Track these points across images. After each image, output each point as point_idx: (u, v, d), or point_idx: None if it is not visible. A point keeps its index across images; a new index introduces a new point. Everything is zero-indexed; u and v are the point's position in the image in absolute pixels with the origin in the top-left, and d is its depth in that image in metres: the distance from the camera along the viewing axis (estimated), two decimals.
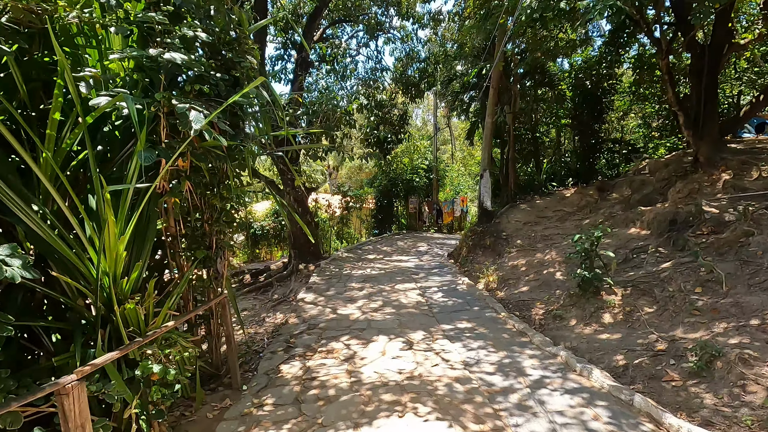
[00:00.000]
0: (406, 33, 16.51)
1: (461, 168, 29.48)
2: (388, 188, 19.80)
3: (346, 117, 11.13)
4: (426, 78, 17.25)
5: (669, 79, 8.27)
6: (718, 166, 8.14)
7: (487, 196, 12.35)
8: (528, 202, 13.31)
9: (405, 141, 19.08)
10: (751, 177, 7.67)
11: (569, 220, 11.03)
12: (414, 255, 13.73)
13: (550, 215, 12.01)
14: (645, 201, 9.46)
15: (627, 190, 10.79)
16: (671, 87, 8.29)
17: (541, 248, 9.38)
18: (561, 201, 12.94)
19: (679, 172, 9.02)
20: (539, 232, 10.71)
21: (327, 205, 15.33)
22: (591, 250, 5.99)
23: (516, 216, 12.25)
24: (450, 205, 24.70)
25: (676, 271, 5.84)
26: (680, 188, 8.44)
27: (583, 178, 15.46)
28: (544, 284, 7.74)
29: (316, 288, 9.20)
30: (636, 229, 8.55)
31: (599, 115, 15.05)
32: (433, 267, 11.31)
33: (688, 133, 8.46)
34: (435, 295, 8.27)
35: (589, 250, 5.97)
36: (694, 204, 7.57)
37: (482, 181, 12.51)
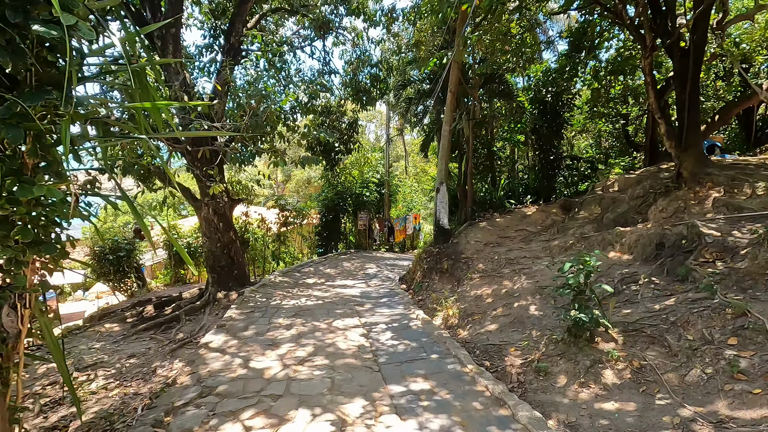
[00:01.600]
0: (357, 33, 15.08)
1: (414, 184, 28.33)
2: (335, 202, 17.98)
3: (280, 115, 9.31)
4: (378, 84, 15.86)
5: (651, 82, 7.32)
6: (704, 182, 7.18)
7: (444, 213, 10.91)
8: (488, 221, 12.05)
9: (355, 151, 17.46)
10: (744, 194, 6.73)
11: (535, 241, 9.79)
12: (361, 279, 11.95)
13: (512, 235, 10.76)
14: (620, 221, 8.38)
15: (596, 208, 9.77)
16: (653, 91, 7.33)
17: (508, 274, 7.96)
18: (523, 219, 11.79)
19: (657, 189, 8.03)
20: (503, 254, 9.35)
21: (260, 220, 13.23)
22: (585, 284, 4.54)
23: (476, 235, 10.88)
24: (402, 223, 23.30)
25: (690, 311, 4.51)
26: (663, 206, 7.39)
27: (542, 196, 14.61)
28: (517, 321, 6.24)
29: (231, 326, 7.13)
30: (616, 252, 7.36)
31: (558, 130, 14.32)
32: (382, 295, 9.57)
33: (669, 144, 7.50)
34: (382, 336, 6.51)
35: (583, 284, 4.51)
36: (685, 225, 6.45)
37: (438, 196, 11.08)
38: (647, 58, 7.05)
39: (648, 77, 7.24)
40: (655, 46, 6.89)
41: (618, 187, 10.05)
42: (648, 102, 7.39)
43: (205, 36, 12.30)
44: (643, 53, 7.05)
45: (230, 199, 9.65)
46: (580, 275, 4.48)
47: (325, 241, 17.82)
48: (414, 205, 24.83)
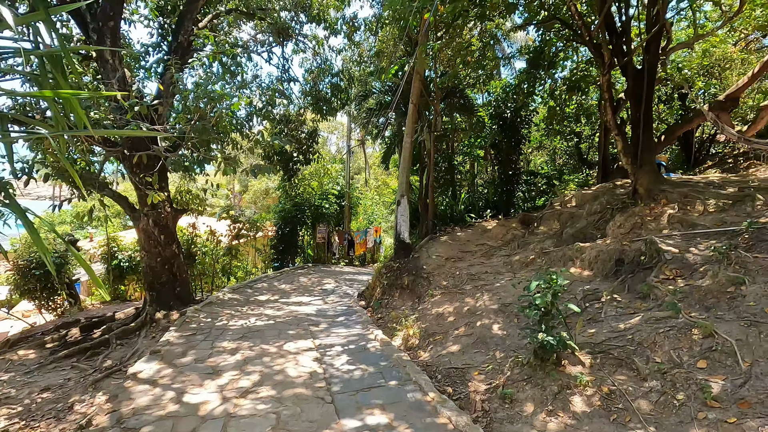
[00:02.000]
0: (318, 41, 14.72)
1: (375, 196, 28.03)
2: (292, 214, 17.26)
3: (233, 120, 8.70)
4: (339, 94, 15.51)
5: (609, 98, 7.42)
6: (659, 198, 7.29)
7: (405, 227, 10.59)
8: (448, 234, 11.86)
9: (314, 162, 16.92)
10: (697, 211, 6.86)
11: (496, 256, 9.65)
12: (318, 296, 11.34)
13: (473, 249, 10.60)
14: (579, 236, 8.39)
15: (556, 223, 9.80)
16: (611, 107, 7.43)
17: (470, 291, 7.69)
18: (483, 234, 11.70)
19: (614, 205, 8.11)
20: (464, 269, 9.12)
21: (210, 232, 12.34)
22: (553, 305, 4.29)
23: (437, 250, 10.63)
24: (363, 236, 22.87)
25: (656, 331, 4.37)
26: (621, 222, 7.43)
27: (501, 210, 14.69)
28: (480, 342, 5.93)
29: (167, 352, 6.35)
30: (576, 268, 7.28)
31: (517, 145, 14.52)
32: (340, 313, 9.04)
33: (626, 160, 7.61)
34: (338, 360, 5.99)
35: (550, 304, 4.25)
36: (644, 241, 6.46)
37: (399, 209, 10.76)
38: (605, 75, 7.16)
39: (606, 94, 7.35)
40: (613, 63, 7.02)
41: (576, 203, 10.17)
42: (606, 118, 7.50)
43: (152, 34, 11.47)
44: (602, 70, 7.16)
45: (174, 209, 8.83)
46: (547, 295, 4.21)
47: (281, 254, 17.01)
48: (375, 217, 24.48)
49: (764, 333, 3.64)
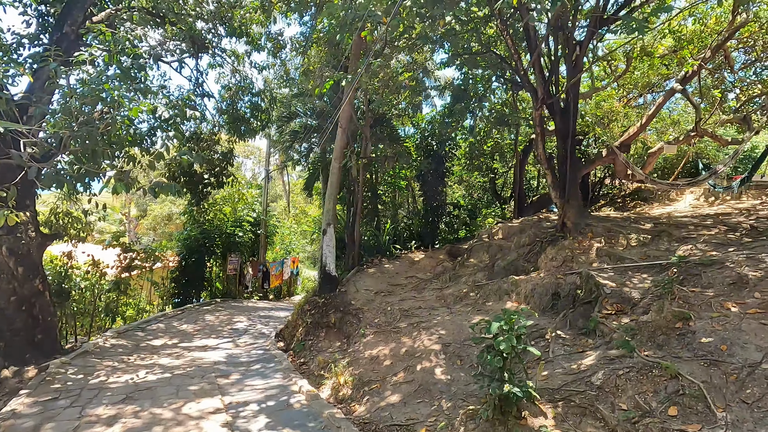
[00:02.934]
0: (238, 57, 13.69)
1: (294, 225, 26.65)
2: (200, 242, 15.34)
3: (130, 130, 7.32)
4: (259, 115, 14.46)
5: (540, 133, 7.60)
6: (585, 232, 7.48)
7: (331, 258, 9.74)
8: (376, 266, 11.24)
9: (228, 185, 15.38)
10: (621, 245, 7.11)
11: (427, 289, 9.21)
12: (228, 337, 9.82)
13: (403, 282, 10.08)
14: (511, 269, 8.30)
15: (485, 255, 9.71)
16: (542, 142, 7.60)
17: (405, 329, 7.05)
18: (412, 266, 11.29)
19: (543, 238, 8.20)
20: (396, 304, 8.49)
21: (92, 263, 10.20)
22: (516, 351, 3.79)
23: (365, 283, 9.91)
24: (279, 267, 21.31)
25: (614, 373, 4.08)
26: (552, 255, 7.45)
27: (426, 242, 14.56)
28: (423, 390, 5.25)
29: (10, 428, 4.64)
30: (513, 302, 7.06)
31: (442, 177, 14.67)
32: (255, 359, 7.76)
33: (555, 194, 7.78)
34: (254, 424, 4.86)
35: (513, 349, 3.75)
36: (578, 274, 6.43)
37: (325, 238, 9.91)
38: (538, 110, 7.35)
39: (538, 128, 7.53)
40: (545, 98, 7.24)
41: (502, 235, 10.27)
42: (537, 152, 7.67)
43: (29, 23, 9.55)
44: (535, 105, 7.34)
45: (41, 234, 6.99)
46: (511, 338, 3.71)
47: (184, 288, 14.87)
48: (293, 247, 23.08)
49: (729, 374, 3.49)
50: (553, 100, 7.45)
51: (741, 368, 3.51)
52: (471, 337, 4.73)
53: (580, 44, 7.89)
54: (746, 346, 3.73)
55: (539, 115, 7.42)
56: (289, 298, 22.91)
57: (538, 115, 7.43)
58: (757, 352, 3.63)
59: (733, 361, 3.61)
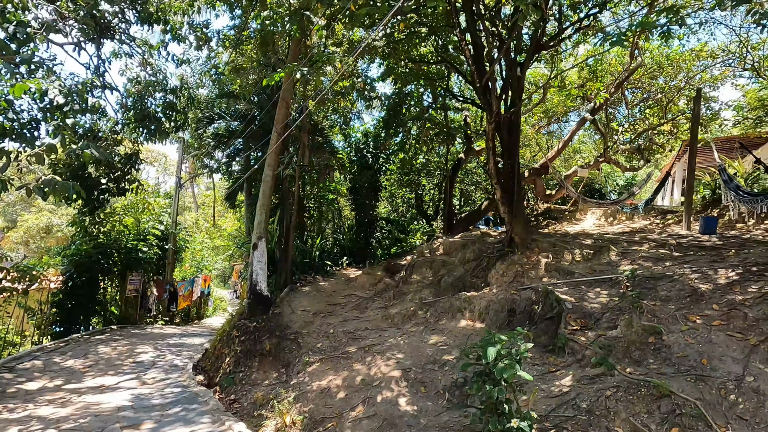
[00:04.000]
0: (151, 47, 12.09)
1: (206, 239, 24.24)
2: (93, 259, 12.91)
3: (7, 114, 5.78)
4: (174, 115, 12.84)
5: (492, 147, 7.59)
6: (533, 247, 7.57)
7: (263, 276, 8.69)
8: (311, 285, 10.37)
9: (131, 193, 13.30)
10: (566, 260, 7.28)
11: (370, 308, 8.62)
12: (131, 373, 8.14)
13: (342, 302, 9.36)
14: (459, 285, 8.10)
15: (428, 271, 9.44)
16: (493, 156, 7.60)
17: (357, 354, 6.36)
18: (349, 284, 10.63)
19: (489, 253, 8.16)
20: (339, 326, 7.77)
21: None
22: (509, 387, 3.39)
23: (301, 303, 9.00)
24: (189, 286, 19.09)
25: (600, 394, 3.90)
26: (503, 270, 7.39)
27: (358, 258, 14.00)
28: (389, 425, 4.63)
29: None
30: (467, 321, 6.80)
31: (376, 192, 14.33)
32: (172, 400, 6.41)
33: (504, 209, 7.80)
34: None
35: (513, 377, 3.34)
36: (532, 289, 6.38)
37: (255, 254, 8.85)
38: (491, 123, 7.35)
39: (490, 142, 7.53)
40: (500, 113, 7.27)
41: (444, 251, 10.13)
42: (488, 167, 7.67)
43: None
44: (489, 118, 7.33)
45: None
46: (513, 365, 3.31)
47: (69, 315, 12.28)
48: (205, 264, 20.86)
49: (718, 389, 3.47)
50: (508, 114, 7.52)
51: (726, 382, 3.52)
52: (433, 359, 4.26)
53: (522, 66, 8.19)
54: (723, 358, 3.78)
55: (493, 129, 7.44)
56: (199, 321, 20.58)
57: (492, 129, 7.44)
58: (735, 364, 3.69)
59: (718, 375, 3.62)
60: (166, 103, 12.84)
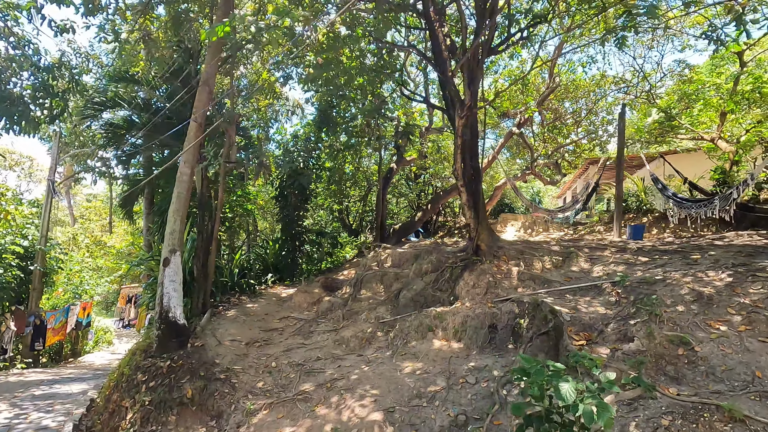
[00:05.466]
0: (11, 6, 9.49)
1: (87, 258, 20.14)
2: None
3: None
4: (50, 100, 10.18)
5: (461, 145, 6.88)
6: (499, 255, 7.00)
7: (177, 299, 6.80)
8: (236, 307, 8.64)
9: None
10: (537, 268, 6.81)
11: (317, 332, 7.27)
12: None
13: (278, 326, 7.85)
14: (421, 300, 7.19)
15: (379, 286, 8.39)
16: (461, 155, 6.90)
17: (316, 394, 5.03)
18: (282, 304, 9.11)
19: (452, 263, 7.41)
20: (283, 358, 6.31)
21: None
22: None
23: (228, 331, 7.29)
24: (62, 316, 15.39)
25: (655, 423, 3.23)
26: (473, 282, 6.66)
27: (286, 274, 12.42)
28: None
29: None
30: (440, 340, 5.91)
31: (305, 200, 12.94)
32: None
33: (469, 214, 7.13)
34: None
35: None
36: (516, 302, 5.73)
37: (167, 271, 6.94)
38: (462, 118, 6.66)
39: (460, 139, 6.82)
40: (472, 106, 6.62)
41: (392, 263, 9.18)
42: (456, 167, 6.96)
43: None
44: (459, 113, 6.63)
45: None
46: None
47: None
48: (85, 289, 17.14)
49: None
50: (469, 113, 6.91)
51: None
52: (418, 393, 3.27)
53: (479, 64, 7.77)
54: None
55: (463, 124, 6.76)
56: (76, 359, 16.71)
57: (462, 124, 6.77)
58: None
59: None
60: (38, 85, 10.17)
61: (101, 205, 26.24)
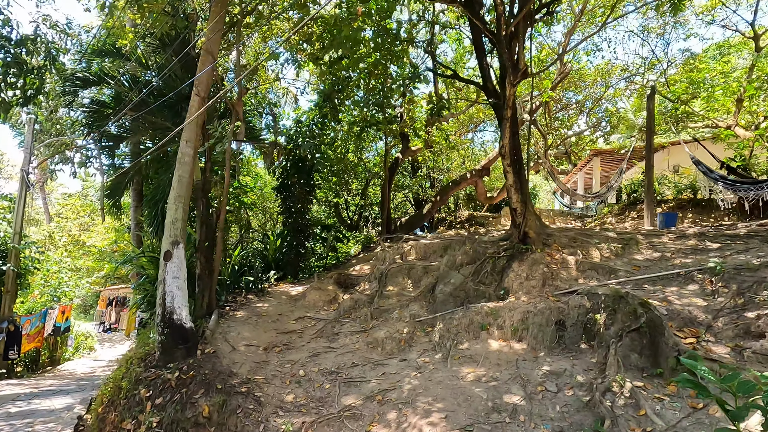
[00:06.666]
0: None
1: (66, 257, 18.70)
2: None
3: None
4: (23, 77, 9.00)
5: (512, 117, 6.07)
6: (550, 243, 6.24)
7: (181, 299, 5.82)
8: (244, 308, 7.68)
9: None
10: (594, 256, 6.08)
11: (343, 334, 6.38)
12: None
13: (296, 328, 6.93)
14: (461, 295, 6.37)
15: (406, 281, 7.55)
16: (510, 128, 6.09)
17: (366, 409, 4.17)
18: (294, 303, 8.18)
19: (494, 253, 6.60)
20: (310, 364, 5.41)
21: None
22: None
23: (241, 334, 6.34)
24: (39, 321, 14.09)
25: None
26: (526, 273, 5.88)
27: (289, 271, 11.48)
28: None
29: None
30: (498, 341, 5.12)
31: (311, 191, 12.00)
32: None
33: (516, 197, 6.33)
34: None
35: None
36: (589, 294, 4.97)
37: (169, 267, 5.95)
38: (515, 85, 5.83)
39: (509, 111, 6.00)
40: (526, 73, 5.83)
41: (417, 255, 8.35)
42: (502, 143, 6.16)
43: None
44: (512, 79, 5.79)
45: None
46: None
47: None
48: (65, 291, 15.80)
49: None
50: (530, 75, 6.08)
51: None
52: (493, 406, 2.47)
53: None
54: None
55: (515, 92, 5.95)
56: (55, 368, 15.37)
57: (514, 93, 5.95)
58: None
59: None
60: (9, 61, 9.01)
61: (79, 203, 24.59)
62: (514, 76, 5.78)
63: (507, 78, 5.82)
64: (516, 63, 5.72)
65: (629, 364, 4.05)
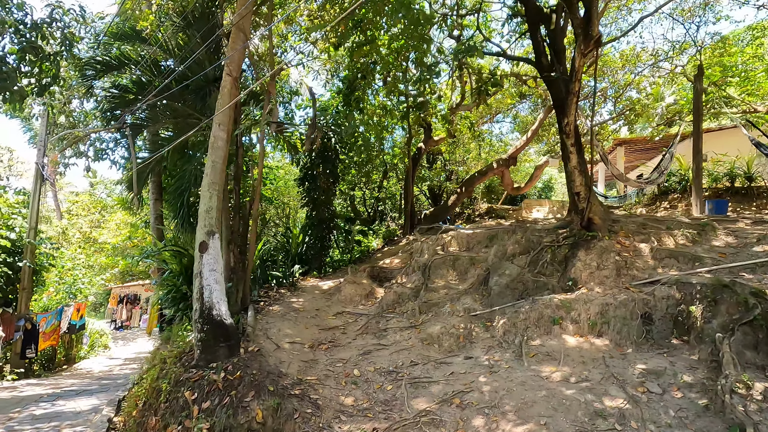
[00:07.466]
0: None
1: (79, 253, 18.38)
2: None
3: None
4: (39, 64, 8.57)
5: (578, 93, 5.57)
6: (616, 230, 5.74)
7: (220, 293, 5.38)
8: (278, 302, 7.23)
9: None
10: (669, 244, 5.57)
11: (391, 330, 5.92)
12: None
13: (337, 324, 6.48)
14: (519, 287, 5.89)
15: (450, 273, 7.07)
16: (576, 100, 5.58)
17: (447, 416, 3.70)
18: (329, 298, 7.73)
19: (553, 242, 6.11)
20: (364, 363, 4.97)
21: None
22: None
23: (282, 330, 5.90)
24: (55, 318, 13.76)
25: None
26: (596, 262, 5.39)
27: (313, 265, 11.05)
28: None
29: None
30: (574, 336, 4.63)
31: (335, 182, 11.54)
32: None
33: (580, 180, 5.83)
34: None
35: None
36: (678, 284, 4.48)
37: (205, 259, 5.50)
38: (586, 55, 5.32)
39: (577, 84, 5.47)
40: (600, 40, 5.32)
41: (460, 246, 7.87)
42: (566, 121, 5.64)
43: None
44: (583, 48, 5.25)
45: None
46: None
47: None
48: (80, 288, 15.46)
49: None
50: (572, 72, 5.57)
51: None
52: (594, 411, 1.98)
53: None
54: None
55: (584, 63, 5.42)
56: (72, 366, 15.05)
57: (583, 64, 5.42)
58: None
59: None
60: (24, 47, 8.59)
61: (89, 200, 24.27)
62: (586, 44, 5.25)
63: (577, 46, 5.29)
64: (588, 29, 5.19)
65: (744, 362, 3.56)
